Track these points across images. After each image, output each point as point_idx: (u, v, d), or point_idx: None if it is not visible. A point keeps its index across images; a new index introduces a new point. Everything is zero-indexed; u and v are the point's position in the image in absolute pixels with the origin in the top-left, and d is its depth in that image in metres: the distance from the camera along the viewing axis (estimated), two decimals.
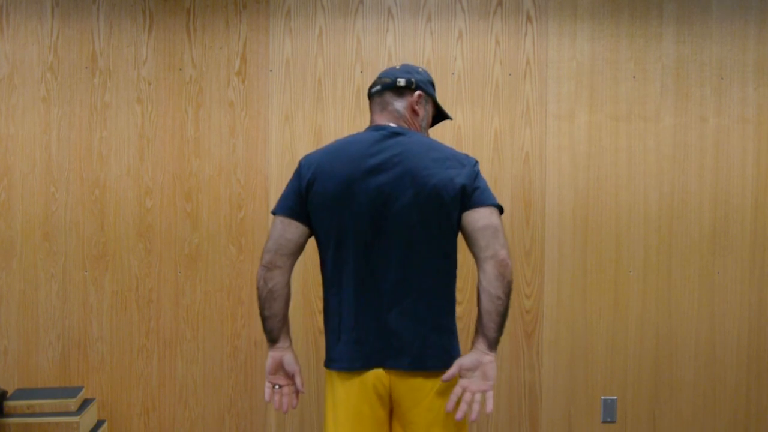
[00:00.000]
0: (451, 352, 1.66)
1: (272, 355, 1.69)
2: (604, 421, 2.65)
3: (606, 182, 2.62)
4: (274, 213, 1.70)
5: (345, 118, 2.57)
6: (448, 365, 1.62)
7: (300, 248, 1.69)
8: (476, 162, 1.68)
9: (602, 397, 2.65)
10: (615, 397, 2.65)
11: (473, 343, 1.60)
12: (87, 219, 2.54)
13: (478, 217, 1.61)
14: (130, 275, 2.55)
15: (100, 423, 2.50)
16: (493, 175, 2.59)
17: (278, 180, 2.56)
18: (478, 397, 1.53)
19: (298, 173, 1.69)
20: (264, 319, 1.68)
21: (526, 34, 2.59)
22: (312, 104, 2.57)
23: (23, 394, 2.41)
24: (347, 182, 1.61)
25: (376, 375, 1.62)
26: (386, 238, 1.61)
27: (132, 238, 2.55)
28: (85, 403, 2.44)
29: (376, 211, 1.61)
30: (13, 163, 2.52)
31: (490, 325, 1.57)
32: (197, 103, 2.55)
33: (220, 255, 2.56)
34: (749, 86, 2.64)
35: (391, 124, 1.71)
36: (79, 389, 2.45)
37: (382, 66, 2.57)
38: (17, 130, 2.52)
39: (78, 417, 2.34)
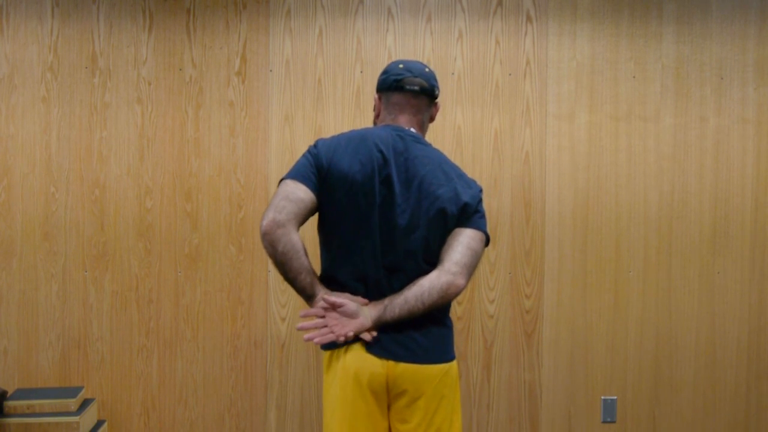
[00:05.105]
0: (447, 347, 1.68)
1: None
2: (604, 421, 2.65)
3: (606, 182, 2.62)
4: (282, 179, 1.63)
5: (345, 118, 2.57)
6: (444, 359, 1.65)
7: (305, 212, 1.60)
8: (482, 189, 1.73)
9: (602, 397, 2.65)
10: (615, 397, 2.65)
11: (374, 303, 1.61)
12: (87, 219, 2.54)
13: (468, 237, 1.65)
14: (130, 275, 2.55)
15: (100, 423, 2.50)
16: (493, 175, 2.59)
17: (278, 180, 2.56)
18: (325, 331, 1.58)
19: (315, 154, 1.64)
20: (290, 281, 1.59)
21: (526, 34, 2.59)
22: (312, 104, 2.56)
23: (23, 394, 2.41)
24: (362, 176, 1.61)
25: (373, 365, 1.61)
26: (389, 239, 1.62)
27: (132, 238, 2.55)
28: (85, 403, 2.44)
29: (382, 211, 1.62)
30: (13, 163, 2.52)
31: (395, 310, 1.58)
32: (197, 103, 2.55)
33: (220, 255, 2.56)
34: (749, 86, 2.64)
35: (412, 129, 1.73)
36: (79, 389, 2.45)
37: (382, 66, 2.56)
38: (17, 130, 2.52)
39: (78, 417, 2.34)
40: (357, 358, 1.61)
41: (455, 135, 2.58)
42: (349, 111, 2.57)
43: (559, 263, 2.62)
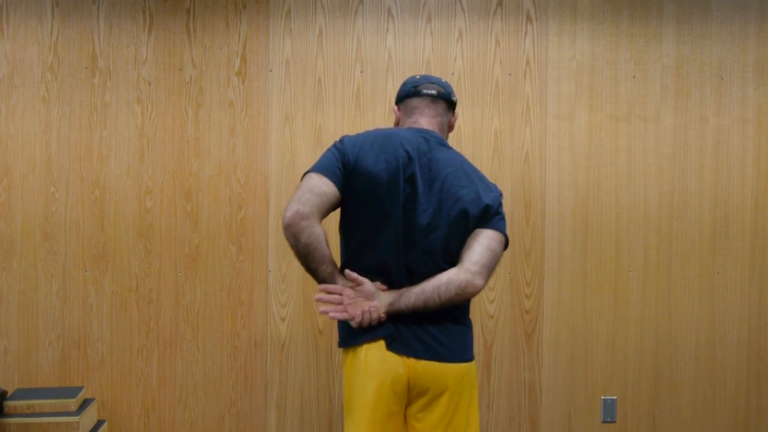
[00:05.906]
0: (468, 347, 1.70)
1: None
2: (604, 421, 2.65)
3: (606, 182, 2.62)
4: (307, 172, 1.63)
5: (345, 118, 2.57)
6: (465, 359, 1.67)
7: (328, 205, 1.60)
8: (502, 193, 1.75)
9: (602, 397, 2.65)
10: (615, 397, 2.65)
11: (391, 291, 1.63)
12: (87, 219, 2.54)
13: (488, 237, 1.66)
14: (130, 275, 2.55)
15: (100, 423, 2.50)
16: (493, 175, 2.59)
17: (278, 180, 2.56)
18: (340, 308, 1.60)
19: (342, 150, 1.65)
20: (312, 271, 1.61)
21: (526, 34, 2.59)
22: (312, 104, 2.57)
23: (23, 394, 2.41)
24: (387, 175, 1.62)
25: (396, 365, 1.62)
26: (410, 237, 1.64)
27: (132, 238, 2.55)
28: (85, 403, 2.44)
29: (405, 209, 1.63)
30: (13, 163, 2.52)
31: (411, 299, 1.60)
32: (197, 103, 2.55)
33: (220, 255, 2.56)
34: (749, 86, 2.64)
35: (435, 132, 1.75)
36: (79, 389, 2.45)
37: (382, 66, 2.57)
38: (17, 130, 2.52)
39: (78, 417, 2.34)
40: (379, 357, 1.62)
41: (455, 135, 2.58)
42: (349, 111, 2.57)
43: (559, 263, 2.62)
